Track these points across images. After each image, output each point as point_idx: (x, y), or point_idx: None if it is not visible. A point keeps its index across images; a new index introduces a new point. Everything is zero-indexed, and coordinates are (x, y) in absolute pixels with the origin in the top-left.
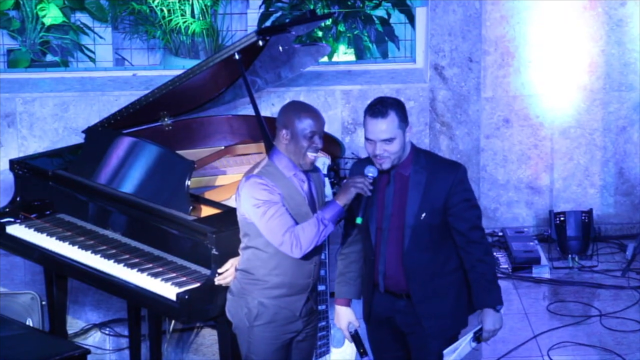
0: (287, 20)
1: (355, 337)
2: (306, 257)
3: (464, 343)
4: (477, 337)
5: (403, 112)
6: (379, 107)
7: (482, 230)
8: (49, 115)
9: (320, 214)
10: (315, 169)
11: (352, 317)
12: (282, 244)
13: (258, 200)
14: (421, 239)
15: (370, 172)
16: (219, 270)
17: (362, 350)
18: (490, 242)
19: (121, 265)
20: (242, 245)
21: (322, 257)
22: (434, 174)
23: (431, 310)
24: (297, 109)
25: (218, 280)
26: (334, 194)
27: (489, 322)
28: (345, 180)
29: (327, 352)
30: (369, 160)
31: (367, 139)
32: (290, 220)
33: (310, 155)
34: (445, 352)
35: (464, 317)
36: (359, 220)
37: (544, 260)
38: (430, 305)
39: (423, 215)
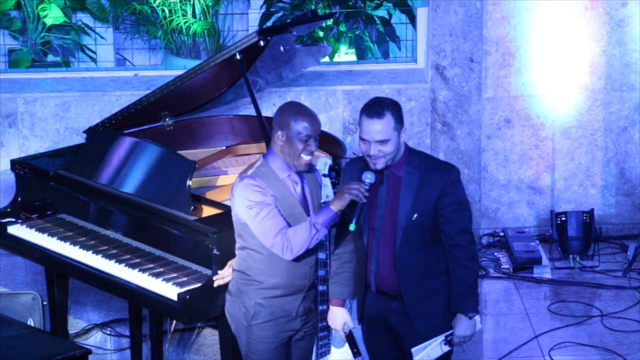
0: (289, 21)
1: (350, 337)
2: (300, 258)
3: (435, 344)
4: (449, 341)
5: (399, 113)
6: (376, 108)
7: (471, 234)
8: (50, 115)
9: (314, 218)
10: (311, 170)
11: (347, 317)
12: (274, 245)
13: (250, 201)
14: (413, 239)
15: (368, 178)
16: (219, 272)
17: (355, 350)
18: (491, 242)
19: (122, 265)
20: (237, 245)
21: (324, 257)
22: (426, 175)
23: (423, 310)
24: (294, 111)
25: (216, 280)
26: (335, 194)
27: (461, 328)
28: (341, 185)
29: (328, 352)
30: (363, 159)
31: (361, 138)
32: (282, 222)
33: (305, 157)
34: (414, 350)
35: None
36: (352, 227)
37: (545, 260)
38: (422, 305)
39: (415, 215)
